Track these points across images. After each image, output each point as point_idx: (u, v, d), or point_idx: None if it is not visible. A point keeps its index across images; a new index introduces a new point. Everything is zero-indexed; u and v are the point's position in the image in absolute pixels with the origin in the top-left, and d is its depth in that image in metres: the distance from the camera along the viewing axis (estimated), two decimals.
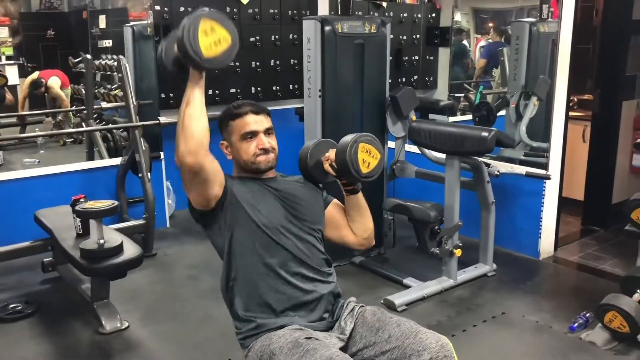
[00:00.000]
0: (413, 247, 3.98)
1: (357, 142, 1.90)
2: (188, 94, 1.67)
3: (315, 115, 3.45)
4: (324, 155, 2.02)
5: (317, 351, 1.62)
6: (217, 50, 1.60)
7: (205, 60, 1.59)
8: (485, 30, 6.08)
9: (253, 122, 1.94)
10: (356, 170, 1.90)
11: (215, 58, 1.61)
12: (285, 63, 5.18)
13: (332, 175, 2.00)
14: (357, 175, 1.91)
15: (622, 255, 3.93)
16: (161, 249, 4.11)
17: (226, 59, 1.64)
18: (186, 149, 1.66)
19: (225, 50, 1.62)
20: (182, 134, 1.66)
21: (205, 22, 1.58)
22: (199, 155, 1.68)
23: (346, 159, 1.89)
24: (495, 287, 3.50)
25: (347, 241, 2.10)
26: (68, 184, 4.08)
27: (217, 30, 1.60)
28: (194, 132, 1.66)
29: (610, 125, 4.36)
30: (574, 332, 2.93)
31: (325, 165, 1.99)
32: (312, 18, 3.42)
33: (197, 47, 1.57)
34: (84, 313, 3.17)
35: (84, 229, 3.11)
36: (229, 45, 1.63)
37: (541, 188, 3.80)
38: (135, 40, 4.95)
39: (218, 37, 1.60)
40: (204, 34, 1.57)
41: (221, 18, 1.63)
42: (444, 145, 3.29)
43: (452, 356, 1.69)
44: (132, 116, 3.86)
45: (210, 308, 3.24)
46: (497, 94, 5.57)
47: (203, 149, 1.69)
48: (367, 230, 2.09)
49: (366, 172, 1.92)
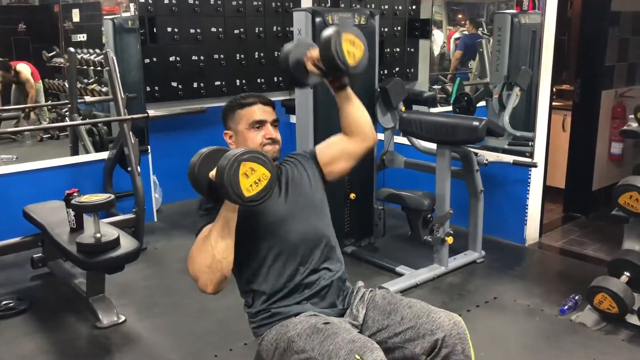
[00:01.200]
0: (403, 236, 4.05)
1: (340, 33, 1.84)
2: (222, 222, 1.69)
3: (307, 107, 3.47)
4: (305, 55, 1.94)
5: (337, 335, 1.64)
6: (257, 188, 1.61)
7: (247, 201, 1.61)
8: (458, 21, 6.16)
9: (261, 112, 1.95)
10: (343, 62, 1.83)
11: (256, 196, 1.62)
12: (270, 55, 5.18)
13: (316, 74, 1.94)
14: (345, 67, 1.84)
15: (603, 240, 4.06)
16: (151, 243, 4.09)
17: (266, 195, 1.64)
18: (210, 282, 1.70)
19: (265, 187, 1.63)
20: (210, 266, 1.69)
21: (245, 165, 1.59)
22: (222, 285, 1.73)
23: (331, 52, 1.82)
24: (485, 273, 3.58)
25: (353, 151, 2.04)
26: (54, 179, 4.03)
27: (256, 169, 1.61)
28: (223, 269, 1.70)
29: (591, 115, 4.48)
30: (565, 315, 3.03)
31: (309, 65, 1.93)
32: (303, 9, 3.43)
33: (239, 191, 1.58)
34: (79, 308, 3.16)
35: (77, 223, 3.07)
36: (269, 180, 1.63)
37: (527, 176, 3.90)
38: (117, 33, 4.90)
39: (258, 177, 1.61)
40: (245, 176, 1.59)
41: (259, 156, 1.63)
42: (435, 134, 3.35)
43: (464, 333, 1.74)
44: (121, 109, 3.82)
45: (207, 300, 3.19)
46: (475, 85, 5.66)
47: (226, 280, 1.73)
48: (367, 123, 2.04)
49: (353, 63, 1.86)
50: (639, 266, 2.86)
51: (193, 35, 4.72)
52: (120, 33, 4.87)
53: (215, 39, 4.86)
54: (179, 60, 4.68)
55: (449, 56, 6.26)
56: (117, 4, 5.15)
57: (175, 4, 4.56)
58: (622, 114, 4.59)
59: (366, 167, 3.76)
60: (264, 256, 1.88)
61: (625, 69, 4.65)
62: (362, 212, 3.82)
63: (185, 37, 4.68)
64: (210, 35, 4.82)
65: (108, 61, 3.78)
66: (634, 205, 2.77)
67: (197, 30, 4.73)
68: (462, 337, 1.72)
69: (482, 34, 5.52)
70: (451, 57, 6.19)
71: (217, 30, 4.85)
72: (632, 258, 2.90)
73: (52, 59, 6.12)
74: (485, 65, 5.26)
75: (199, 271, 1.71)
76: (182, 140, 4.88)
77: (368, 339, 1.63)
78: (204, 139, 4.84)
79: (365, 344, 1.60)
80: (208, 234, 1.72)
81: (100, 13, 5.19)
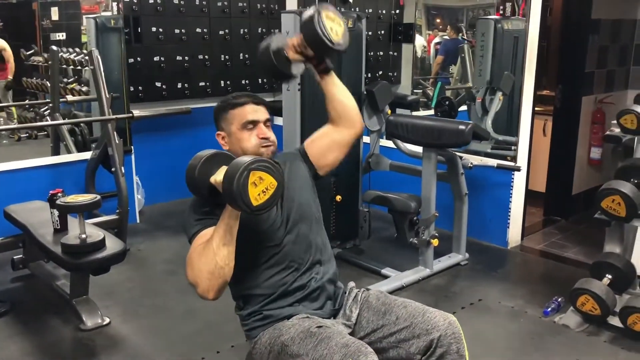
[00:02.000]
0: (387, 238, 4.08)
1: (321, 11, 1.86)
2: (225, 228, 1.67)
3: (295, 109, 3.47)
4: (285, 44, 1.94)
5: (331, 339, 1.64)
6: (265, 197, 1.60)
7: (254, 210, 1.59)
8: (437, 26, 6.22)
9: (253, 112, 1.94)
10: (328, 38, 1.84)
11: (263, 206, 1.60)
12: (255, 57, 5.15)
13: (299, 60, 1.94)
14: (331, 43, 1.85)
15: (583, 243, 4.14)
16: (134, 245, 4.04)
17: (272, 204, 1.63)
18: (212, 288, 1.69)
19: (272, 195, 1.62)
20: (212, 273, 1.67)
21: (254, 174, 1.58)
22: (223, 291, 1.73)
23: (315, 29, 1.83)
24: (469, 275, 3.62)
25: (342, 139, 2.04)
26: (35, 179, 3.97)
27: (265, 178, 1.60)
28: (225, 275, 1.69)
29: (571, 120, 4.56)
30: (548, 316, 3.07)
31: (290, 53, 1.92)
32: (292, 12, 3.44)
33: (248, 200, 1.57)
34: (62, 310, 3.11)
35: (62, 224, 3.03)
36: (276, 189, 1.62)
37: (510, 180, 3.95)
38: (99, 32, 4.85)
39: (266, 185, 1.60)
40: (253, 185, 1.57)
41: (269, 166, 1.62)
42: (421, 138, 3.38)
43: (459, 332, 1.75)
44: (105, 109, 3.77)
45: (193, 302, 3.20)
46: (456, 90, 5.72)
47: (226, 285, 1.73)
48: (354, 108, 2.05)
49: (337, 39, 1.88)
50: (620, 268, 2.92)
51: (178, 36, 4.69)
52: (102, 32, 4.82)
53: (200, 40, 4.84)
54: (164, 61, 4.65)
55: (429, 60, 6.31)
56: (97, 3, 5.11)
57: (160, 3, 4.53)
58: (601, 120, 4.69)
59: (352, 170, 3.78)
60: (256, 259, 1.87)
61: (604, 75, 4.75)
62: (347, 215, 3.83)
63: (170, 37, 4.65)
64: (195, 35, 4.80)
65: (93, 60, 3.73)
66: (616, 209, 2.82)
67: (182, 31, 4.70)
68: (457, 337, 1.73)
69: (462, 39, 5.58)
70: (432, 61, 6.24)
71: (202, 30, 4.83)
72: (613, 260, 2.95)
73: (30, 57, 6.03)
74: (467, 69, 5.32)
75: (200, 277, 1.69)
76: (165, 141, 4.85)
77: (362, 343, 1.63)
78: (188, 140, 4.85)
79: (359, 349, 1.60)
80: (209, 240, 1.70)
81: (80, 12, 5.14)
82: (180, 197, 4.91)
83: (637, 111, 2.84)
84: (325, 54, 1.93)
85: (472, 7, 5.74)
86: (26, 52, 6.06)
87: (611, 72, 4.82)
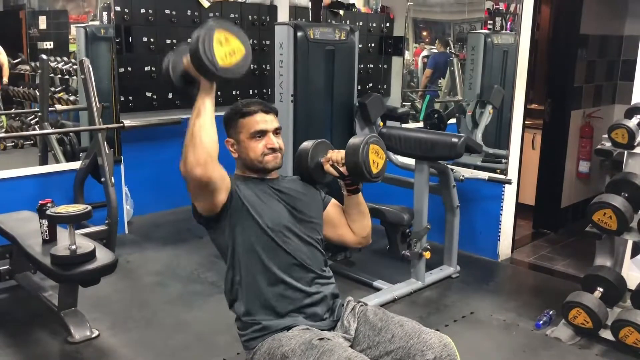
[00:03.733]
0: (378, 250, 4.06)
1: (368, 144, 1.93)
2: (199, 104, 1.67)
3: (287, 120, 3.46)
4: (323, 156, 2.04)
5: (333, 352, 1.63)
6: (231, 60, 1.61)
7: (221, 70, 1.59)
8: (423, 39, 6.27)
9: (263, 121, 1.94)
10: (368, 171, 1.93)
11: (230, 68, 1.61)
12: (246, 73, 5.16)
13: (334, 175, 2.02)
14: (369, 176, 1.94)
15: (572, 256, 4.17)
16: (122, 256, 3.97)
17: (240, 69, 1.64)
18: (195, 160, 1.66)
19: (239, 61, 1.62)
20: (191, 144, 1.66)
21: (220, 32, 1.58)
22: (208, 166, 1.68)
23: (358, 161, 1.91)
24: (460, 288, 3.62)
25: (346, 240, 2.13)
26: (22, 189, 3.91)
27: (231, 41, 1.61)
28: (204, 143, 1.65)
29: (560, 134, 4.61)
30: (540, 329, 3.08)
31: (326, 166, 2.01)
32: (285, 23, 3.44)
33: (213, 57, 1.57)
34: (50, 322, 3.05)
35: (51, 234, 2.98)
36: (243, 56, 1.63)
37: (500, 192, 3.97)
38: (89, 41, 4.82)
39: (232, 48, 1.60)
40: (219, 44, 1.58)
41: (235, 29, 1.63)
42: (414, 150, 3.38)
43: (454, 354, 1.76)
44: (96, 119, 3.74)
45: (183, 313, 3.19)
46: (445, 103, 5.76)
47: (212, 160, 1.69)
48: (367, 229, 2.13)
49: (376, 172, 1.96)
50: (611, 282, 2.94)
51: (169, 46, 4.66)
52: (92, 41, 4.79)
53: None
54: (155, 70, 4.62)
55: (417, 74, 6.35)
56: (85, 12, 5.08)
57: (152, 13, 4.52)
58: (589, 134, 4.74)
59: None
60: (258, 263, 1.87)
61: (592, 90, 4.82)
62: None
63: (162, 47, 4.62)
64: None
65: (84, 70, 3.70)
66: (607, 222, 2.84)
67: (173, 41, 4.68)
68: (453, 358, 1.74)
69: (450, 53, 5.63)
70: (419, 74, 6.28)
71: None
72: (604, 274, 2.97)
73: (17, 66, 5.97)
74: (456, 83, 5.36)
75: (185, 153, 1.68)
76: (154, 151, 4.81)
77: (364, 357, 1.63)
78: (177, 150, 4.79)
79: None
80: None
81: (68, 21, 5.11)
82: (170, 208, 4.90)
83: (627, 126, 2.87)
84: (362, 181, 2.02)
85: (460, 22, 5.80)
86: (13, 61, 6.00)
87: (599, 86, 4.89)
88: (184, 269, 3.79)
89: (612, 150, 3.00)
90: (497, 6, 4.92)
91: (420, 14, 5.99)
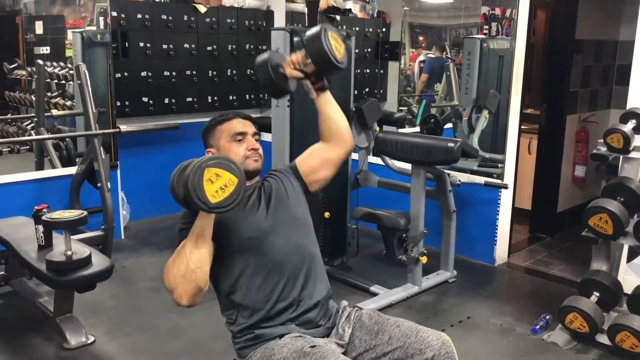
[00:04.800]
0: (375, 255, 4.07)
1: (327, 31, 1.90)
2: (197, 231, 1.68)
3: (284, 125, 3.47)
4: (285, 61, 1.97)
5: (325, 359, 1.62)
6: (223, 195, 1.60)
7: (213, 207, 1.59)
8: (420, 44, 6.28)
9: (241, 125, 1.98)
10: (334, 56, 1.88)
11: (222, 204, 1.60)
12: (242, 73, 5.18)
13: (297, 77, 1.96)
14: (335, 62, 1.90)
15: (569, 261, 4.17)
16: (119, 261, 3.98)
17: (234, 202, 1.62)
18: (184, 293, 1.67)
19: (232, 193, 1.61)
20: (184, 278, 1.66)
21: (209, 171, 1.58)
22: (197, 298, 1.70)
23: (323, 47, 1.86)
24: (457, 292, 3.62)
25: (334, 158, 2.05)
26: (18, 195, 3.89)
27: (222, 175, 1.60)
28: (198, 280, 1.66)
29: (556, 138, 4.62)
30: (537, 334, 3.08)
31: (288, 70, 1.95)
32: (282, 29, 3.45)
33: (204, 197, 1.57)
34: (46, 328, 3.04)
35: (46, 240, 2.97)
36: (235, 187, 1.61)
37: (497, 197, 3.97)
38: (85, 46, 4.82)
39: (224, 182, 1.60)
40: (209, 182, 1.57)
41: (224, 161, 1.62)
42: (411, 155, 3.38)
43: (452, 352, 1.75)
44: (92, 124, 3.74)
45: (179, 319, 3.18)
46: (441, 107, 5.77)
47: (202, 293, 1.70)
48: (346, 127, 2.08)
49: (340, 58, 1.92)
50: (607, 286, 2.94)
51: (165, 51, 4.67)
52: (89, 47, 4.79)
53: (188, 55, 4.83)
54: (151, 76, 4.63)
55: (413, 79, 6.36)
56: (81, 17, 5.08)
57: (148, 19, 4.52)
58: (585, 138, 4.76)
59: (340, 186, 3.77)
60: (244, 271, 1.84)
61: (588, 94, 4.83)
62: (335, 232, 3.82)
63: (158, 53, 4.63)
64: (182, 51, 4.79)
65: (80, 75, 3.70)
66: (603, 227, 2.85)
67: (169, 46, 4.69)
68: (451, 356, 1.73)
69: (446, 58, 5.64)
70: (416, 79, 6.29)
71: (189, 46, 4.82)
72: (601, 278, 2.97)
73: (14, 71, 5.97)
74: (453, 87, 5.37)
75: (174, 282, 1.68)
76: (150, 157, 4.81)
77: None
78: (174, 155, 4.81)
79: None
80: (182, 244, 1.71)
81: (65, 26, 5.10)
82: (166, 213, 4.89)
83: (623, 130, 2.88)
84: (328, 72, 1.97)
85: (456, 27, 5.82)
86: (9, 66, 6.00)
87: (594, 91, 4.90)
88: None
89: (608, 154, 3.01)
90: (493, 11, 4.93)
91: (416, 19, 6.00)
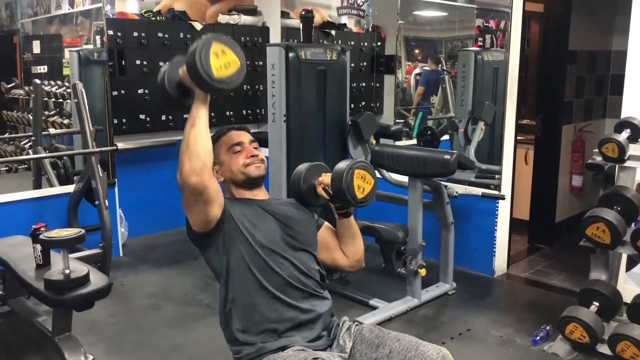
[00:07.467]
0: (373, 268, 4.04)
1: (353, 169, 1.94)
2: (194, 114, 1.71)
3: (280, 140, 3.48)
4: (317, 179, 2.05)
5: None
6: (226, 72, 1.65)
7: (216, 81, 1.63)
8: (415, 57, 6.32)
9: (237, 136, 2.04)
10: (352, 196, 1.93)
11: (225, 79, 1.65)
12: (238, 88, 5.12)
13: (325, 199, 2.03)
14: (353, 201, 1.94)
15: (568, 271, 4.17)
16: (117, 279, 3.97)
17: (234, 82, 1.68)
18: (191, 168, 1.69)
19: (234, 73, 1.67)
20: (186, 153, 1.69)
21: (216, 45, 1.62)
22: (204, 174, 1.71)
23: (342, 185, 1.92)
24: (457, 304, 3.61)
25: (339, 263, 2.13)
26: (16, 214, 3.89)
27: (227, 53, 1.65)
28: (199, 152, 1.69)
29: (552, 148, 4.64)
30: (537, 345, 3.07)
31: (319, 189, 2.03)
32: (277, 44, 3.47)
33: (209, 68, 1.61)
34: (44, 347, 3.02)
35: (44, 259, 2.96)
36: (238, 69, 1.68)
37: (494, 208, 3.98)
38: (82, 65, 4.84)
39: (228, 61, 1.64)
40: (215, 56, 1.62)
41: (231, 42, 1.68)
42: (407, 167, 3.39)
43: None
44: (89, 142, 3.75)
45: (178, 336, 3.17)
46: (437, 120, 5.79)
47: (207, 168, 1.72)
48: (359, 252, 2.14)
49: (361, 197, 1.96)
50: (607, 296, 2.94)
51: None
52: (86, 65, 4.81)
53: None
54: (148, 93, 4.65)
55: (409, 91, 6.39)
56: (78, 36, 5.11)
57: (145, 36, 4.55)
58: (581, 148, 4.78)
59: None
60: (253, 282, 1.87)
61: (582, 104, 4.86)
62: None
63: (155, 70, 4.61)
64: None
65: (77, 93, 3.72)
66: (600, 236, 2.85)
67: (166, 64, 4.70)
68: None
69: (442, 70, 5.67)
70: (412, 92, 6.32)
71: None
72: (600, 288, 2.97)
73: (11, 91, 5.99)
74: (449, 100, 5.40)
75: (181, 162, 1.71)
76: (148, 174, 4.82)
77: None
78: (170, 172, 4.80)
79: None
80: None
81: (62, 45, 5.13)
82: (164, 230, 4.89)
83: (617, 140, 2.89)
84: (348, 206, 2.04)
85: (451, 39, 5.86)
86: (7, 85, 6.02)
87: (589, 101, 4.93)
88: (179, 291, 3.78)
89: (603, 164, 3.02)
90: (487, 24, 4.97)
91: (411, 32, 6.04)
